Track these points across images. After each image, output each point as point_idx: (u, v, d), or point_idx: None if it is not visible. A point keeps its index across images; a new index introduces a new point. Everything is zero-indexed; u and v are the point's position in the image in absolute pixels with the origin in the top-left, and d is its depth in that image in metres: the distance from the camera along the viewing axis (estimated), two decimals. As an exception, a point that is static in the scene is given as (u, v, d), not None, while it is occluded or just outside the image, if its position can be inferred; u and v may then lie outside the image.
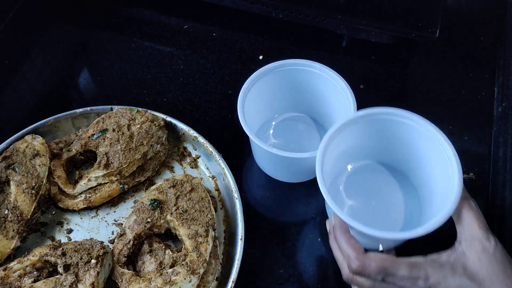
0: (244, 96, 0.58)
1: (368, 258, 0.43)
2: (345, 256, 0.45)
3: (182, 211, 0.55)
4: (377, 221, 0.56)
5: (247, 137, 0.56)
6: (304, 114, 0.67)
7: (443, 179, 0.50)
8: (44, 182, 0.58)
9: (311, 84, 0.62)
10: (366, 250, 0.45)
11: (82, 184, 0.59)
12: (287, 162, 0.58)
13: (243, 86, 0.59)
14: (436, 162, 0.51)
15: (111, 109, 0.64)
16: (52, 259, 0.52)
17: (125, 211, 0.60)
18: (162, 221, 0.55)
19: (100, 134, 0.61)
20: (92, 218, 0.60)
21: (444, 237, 0.46)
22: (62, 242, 0.55)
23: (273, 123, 0.67)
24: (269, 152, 0.54)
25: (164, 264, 0.52)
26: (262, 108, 0.64)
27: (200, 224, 0.54)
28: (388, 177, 0.59)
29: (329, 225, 0.52)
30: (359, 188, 0.58)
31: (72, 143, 0.62)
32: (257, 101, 0.61)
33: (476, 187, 0.62)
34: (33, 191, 0.56)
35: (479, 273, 0.41)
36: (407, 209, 0.57)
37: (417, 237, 0.44)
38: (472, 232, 0.43)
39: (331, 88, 0.60)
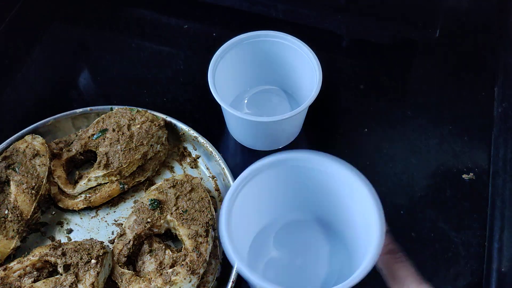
0: (214, 66, 0.58)
1: None
2: None
3: (182, 211, 0.55)
4: (302, 279, 0.50)
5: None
6: (277, 87, 0.67)
7: (365, 228, 0.44)
8: (44, 182, 0.58)
9: (282, 56, 0.61)
10: None
11: (82, 184, 0.59)
12: (259, 128, 0.59)
13: (214, 56, 0.58)
14: (356, 208, 0.46)
15: (111, 109, 0.64)
16: (52, 259, 0.52)
17: (125, 211, 0.60)
18: (162, 221, 0.55)
19: (100, 134, 0.61)
20: (92, 218, 0.60)
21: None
22: (62, 242, 0.55)
23: (246, 96, 0.67)
24: (241, 119, 0.54)
25: (164, 264, 0.52)
26: (234, 80, 0.64)
27: (200, 224, 0.54)
28: (316, 230, 0.53)
29: None
30: (286, 242, 0.52)
31: (72, 143, 0.62)
32: (229, 73, 0.61)
33: (476, 188, 0.62)
34: (33, 191, 0.56)
35: None
36: (336, 265, 0.51)
37: None
38: None
39: (302, 61, 0.60)
